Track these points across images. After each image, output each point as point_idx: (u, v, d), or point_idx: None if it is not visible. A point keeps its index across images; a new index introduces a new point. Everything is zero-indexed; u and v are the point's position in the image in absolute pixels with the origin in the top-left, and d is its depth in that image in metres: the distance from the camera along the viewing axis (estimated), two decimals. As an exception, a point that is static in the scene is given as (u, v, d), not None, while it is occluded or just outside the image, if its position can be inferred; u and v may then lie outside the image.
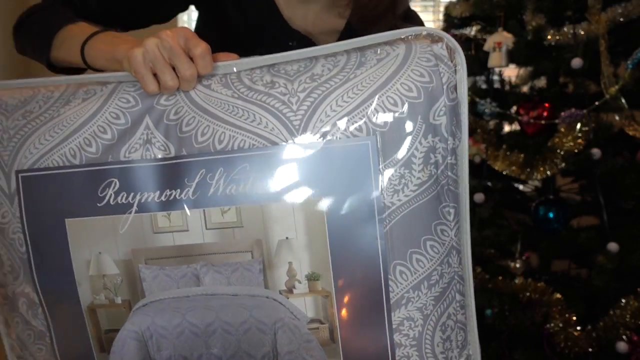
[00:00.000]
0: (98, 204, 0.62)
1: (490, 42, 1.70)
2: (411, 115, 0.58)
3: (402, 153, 0.58)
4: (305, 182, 0.59)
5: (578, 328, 1.56)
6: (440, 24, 2.06)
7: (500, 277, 1.69)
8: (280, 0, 0.85)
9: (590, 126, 1.59)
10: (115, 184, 0.62)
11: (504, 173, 1.69)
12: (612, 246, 1.54)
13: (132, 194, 0.62)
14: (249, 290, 0.64)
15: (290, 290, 0.63)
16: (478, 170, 1.80)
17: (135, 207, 0.62)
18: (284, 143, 0.59)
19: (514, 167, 1.66)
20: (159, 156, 0.61)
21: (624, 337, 1.53)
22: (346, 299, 0.61)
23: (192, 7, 0.94)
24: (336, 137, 0.58)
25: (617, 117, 1.60)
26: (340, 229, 0.59)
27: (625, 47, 1.68)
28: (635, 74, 1.55)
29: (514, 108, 1.76)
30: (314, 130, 0.58)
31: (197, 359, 0.64)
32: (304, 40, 0.86)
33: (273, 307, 0.63)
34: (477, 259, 1.78)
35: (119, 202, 0.62)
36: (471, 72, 1.89)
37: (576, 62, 1.58)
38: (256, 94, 0.61)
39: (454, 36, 1.90)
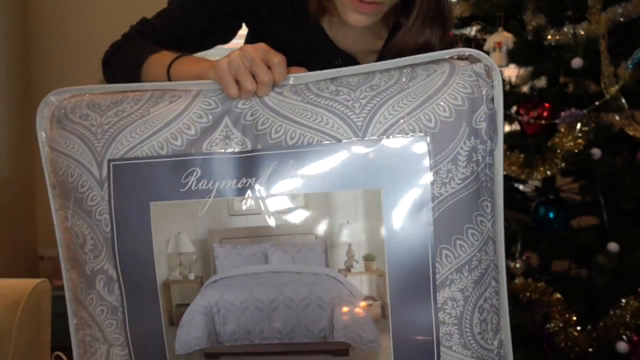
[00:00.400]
0: (181, 190, 0.70)
1: (490, 42, 1.70)
2: (457, 120, 0.68)
3: (449, 151, 0.67)
4: (365, 173, 0.68)
5: (578, 328, 1.56)
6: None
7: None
8: (325, 23, 0.94)
9: (590, 126, 1.59)
10: (197, 172, 0.70)
11: (504, 173, 1.69)
12: (612, 246, 1.54)
13: (211, 181, 0.70)
14: (311, 269, 0.71)
15: (348, 269, 0.70)
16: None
17: (214, 192, 0.70)
18: (347, 140, 0.68)
19: (514, 167, 1.66)
20: (237, 150, 0.70)
21: (624, 337, 1.53)
22: (397, 278, 0.68)
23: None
24: (393, 136, 0.68)
25: (617, 117, 1.60)
26: (395, 215, 0.68)
27: (626, 47, 1.68)
28: (635, 74, 1.55)
29: (514, 108, 1.76)
30: (374, 130, 0.68)
31: (259, 333, 0.70)
32: (347, 59, 0.93)
33: (332, 285, 0.70)
34: (477, 259, 1.78)
35: (200, 188, 0.70)
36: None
37: (576, 62, 1.58)
38: (323, 100, 0.70)
39: (454, 36, 1.90)
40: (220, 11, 0.96)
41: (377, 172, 0.68)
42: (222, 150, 0.70)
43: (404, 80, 0.71)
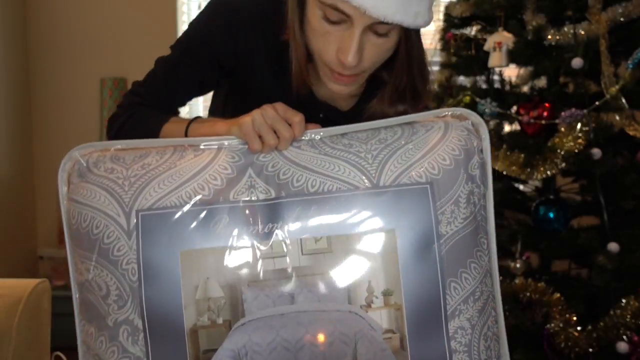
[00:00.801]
0: (209, 237, 0.75)
1: (490, 42, 1.70)
2: (456, 167, 0.77)
3: (452, 194, 0.77)
4: (381, 216, 0.75)
5: (578, 328, 1.56)
6: (440, 23, 2.06)
7: (500, 277, 1.68)
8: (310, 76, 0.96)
9: (590, 126, 1.58)
10: (226, 219, 0.75)
11: (504, 173, 1.69)
12: (613, 246, 1.54)
13: (240, 226, 0.75)
14: (335, 306, 0.75)
15: (369, 305, 0.75)
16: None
17: (243, 238, 0.75)
18: (363, 187, 0.76)
19: (514, 167, 1.66)
20: (262, 197, 0.76)
21: (624, 337, 1.53)
22: (413, 310, 0.74)
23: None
24: (403, 182, 0.76)
25: (617, 117, 1.60)
26: (409, 253, 0.75)
27: (626, 47, 1.68)
28: (636, 74, 1.55)
29: (514, 108, 1.76)
30: (386, 177, 0.76)
31: None
32: (330, 110, 0.97)
33: (354, 320, 0.75)
34: (477, 259, 1.78)
35: (229, 233, 0.75)
36: (471, 72, 1.89)
37: (576, 62, 1.57)
38: (338, 152, 0.79)
39: (454, 35, 1.90)
40: (204, 71, 0.98)
41: (391, 215, 0.75)
42: (248, 199, 0.76)
43: (406, 134, 0.80)
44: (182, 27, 2.93)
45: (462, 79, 1.95)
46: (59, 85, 2.93)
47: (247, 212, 0.75)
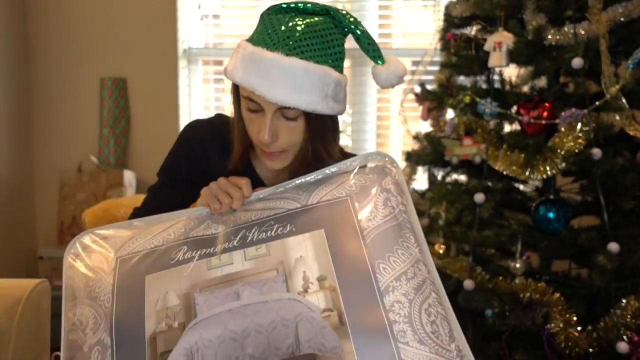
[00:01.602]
0: (170, 262, 0.92)
1: (490, 41, 1.70)
2: (370, 184, 0.96)
3: (368, 200, 0.94)
4: (309, 223, 0.92)
5: (578, 328, 1.56)
6: (441, 23, 2.06)
7: (500, 277, 1.69)
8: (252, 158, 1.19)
9: (590, 126, 1.58)
10: (185, 248, 0.93)
11: (505, 173, 1.69)
12: (613, 246, 1.54)
13: (195, 251, 0.92)
14: (275, 296, 0.86)
15: (305, 290, 0.85)
16: (478, 171, 1.80)
17: (196, 258, 0.91)
18: (294, 207, 0.95)
19: (514, 167, 1.66)
20: (214, 232, 0.95)
21: (624, 337, 1.53)
22: (347, 289, 0.84)
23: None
24: (326, 199, 0.95)
25: (617, 117, 1.60)
26: (336, 244, 0.89)
27: (626, 46, 1.68)
28: (636, 74, 1.55)
29: (515, 108, 1.76)
30: (312, 199, 0.95)
31: (234, 357, 0.81)
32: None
33: (294, 305, 0.84)
34: (478, 258, 1.79)
35: (186, 257, 0.92)
36: (471, 72, 1.89)
37: (577, 62, 1.57)
38: (278, 198, 0.98)
39: (454, 35, 1.90)
40: (182, 189, 1.19)
41: (317, 221, 0.92)
42: (202, 234, 0.95)
43: (330, 177, 1.00)
44: (182, 27, 2.92)
45: (462, 79, 1.95)
46: (58, 85, 2.93)
47: (202, 242, 0.93)
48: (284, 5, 1.02)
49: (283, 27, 0.98)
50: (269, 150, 1.05)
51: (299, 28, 0.98)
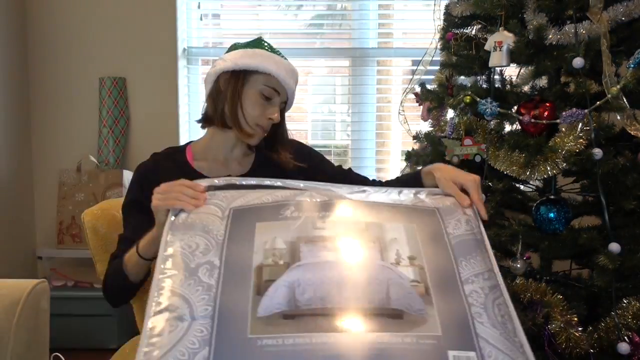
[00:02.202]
0: (279, 216, 1.04)
1: (491, 41, 1.70)
2: (454, 206, 1.13)
3: (452, 217, 1.08)
4: (407, 216, 1.07)
5: (579, 329, 1.56)
6: (441, 23, 2.05)
7: (501, 278, 1.68)
8: (201, 169, 1.43)
9: (591, 126, 1.58)
10: (292, 208, 1.05)
11: (505, 173, 1.69)
12: (614, 246, 1.54)
13: (301, 212, 1.04)
14: (372, 260, 0.97)
15: (397, 263, 0.97)
16: (479, 170, 1.79)
17: (303, 218, 1.03)
18: (394, 204, 1.13)
19: (515, 167, 1.66)
20: (319, 200, 1.09)
21: (625, 338, 1.52)
22: (434, 271, 0.96)
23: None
24: (420, 205, 1.12)
25: (618, 117, 1.60)
26: (426, 239, 1.02)
27: (627, 46, 1.67)
28: (637, 74, 1.54)
29: (515, 108, 1.75)
30: (406, 201, 1.14)
31: (331, 299, 0.89)
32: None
33: (387, 271, 0.95)
34: (478, 259, 1.78)
35: (293, 216, 1.04)
36: (472, 72, 1.88)
37: (577, 62, 1.57)
38: (367, 197, 1.15)
39: (454, 35, 1.90)
40: (144, 218, 1.23)
41: (411, 218, 1.06)
42: (309, 200, 1.07)
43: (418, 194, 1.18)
44: (181, 26, 2.92)
45: (462, 79, 1.95)
46: (57, 84, 2.92)
47: (307, 205, 1.06)
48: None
49: (270, 45, 1.44)
50: (267, 127, 1.39)
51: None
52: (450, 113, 2.00)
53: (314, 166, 1.48)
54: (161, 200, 1.07)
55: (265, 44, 1.43)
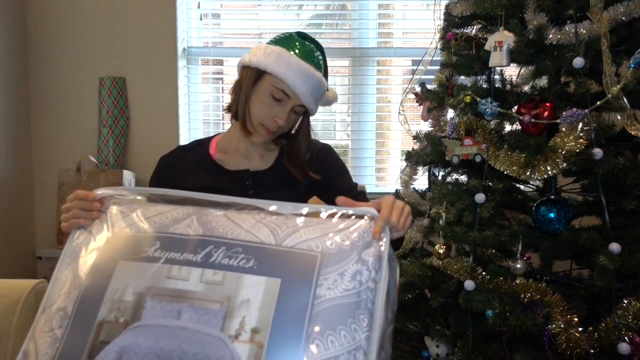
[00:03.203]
0: (142, 254, 0.98)
1: (491, 41, 1.70)
2: (351, 248, 0.94)
3: (339, 267, 0.92)
4: (272, 267, 0.93)
5: (579, 329, 1.55)
6: (441, 23, 2.05)
7: (501, 278, 1.68)
8: (221, 162, 1.42)
9: (591, 126, 1.58)
10: (158, 244, 0.99)
11: (505, 173, 1.69)
12: (614, 247, 1.54)
13: (164, 251, 0.98)
14: (208, 330, 0.89)
15: (236, 336, 0.88)
16: (479, 171, 1.79)
17: (162, 260, 0.97)
18: (268, 243, 0.96)
19: (515, 167, 1.65)
20: (191, 233, 1.00)
21: (625, 338, 1.52)
22: (273, 352, 0.85)
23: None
24: (300, 247, 0.94)
25: (618, 117, 1.60)
26: (284, 302, 0.89)
27: (627, 46, 1.68)
28: (637, 73, 1.55)
29: (515, 107, 1.75)
30: (289, 242, 0.95)
31: None
32: (256, 175, 1.41)
33: (220, 347, 0.87)
34: (478, 259, 1.78)
35: (155, 255, 0.97)
36: (472, 72, 1.88)
37: (578, 62, 1.57)
38: (265, 219, 1.01)
39: (455, 35, 1.90)
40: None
41: (280, 268, 0.92)
42: (180, 233, 1.00)
43: (324, 220, 0.99)
44: (181, 26, 2.92)
45: (462, 79, 1.95)
46: (57, 84, 2.92)
47: (173, 241, 0.99)
48: (302, 34, 1.39)
49: (308, 46, 1.36)
50: (272, 130, 1.35)
51: (317, 51, 1.38)
52: (450, 113, 2.00)
53: (328, 179, 1.43)
54: (65, 221, 1.08)
55: (296, 43, 1.36)
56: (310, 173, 1.42)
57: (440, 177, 2.08)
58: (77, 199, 1.09)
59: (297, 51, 1.34)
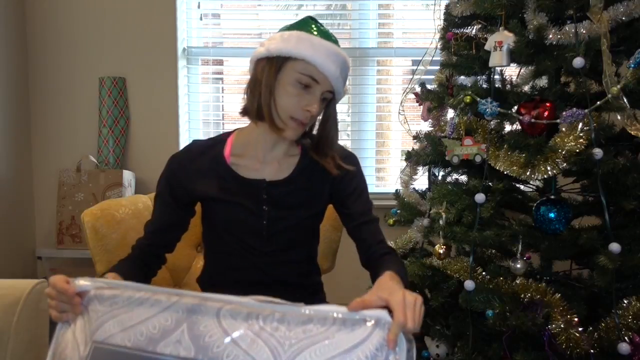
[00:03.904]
0: None
1: (491, 41, 1.69)
2: None
3: None
4: None
5: (579, 329, 1.55)
6: (441, 22, 2.05)
7: (501, 278, 1.68)
8: (237, 168, 1.33)
9: (591, 126, 1.58)
10: None
11: (505, 173, 1.69)
12: (614, 247, 1.54)
13: None
14: None
15: None
16: (479, 170, 1.79)
17: None
18: None
19: (515, 167, 1.65)
20: (182, 354, 0.90)
21: (625, 338, 1.52)
22: None
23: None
24: None
25: (618, 117, 1.59)
26: None
27: (627, 46, 1.68)
28: (637, 73, 1.54)
29: (515, 108, 1.75)
30: None
31: None
32: (267, 185, 1.31)
33: None
34: (478, 259, 1.78)
35: None
36: (472, 72, 1.88)
37: (578, 62, 1.57)
38: (265, 333, 0.89)
39: (455, 35, 1.90)
40: (172, 200, 1.34)
41: None
42: (169, 353, 0.91)
43: (332, 330, 0.87)
44: (181, 26, 2.92)
45: (462, 79, 1.94)
46: (57, 84, 2.92)
47: None
48: (314, 18, 1.30)
49: (324, 27, 1.28)
50: (305, 121, 1.25)
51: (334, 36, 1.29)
52: (450, 113, 2.00)
53: (346, 194, 1.34)
54: (50, 308, 1.04)
55: (312, 25, 1.26)
56: (341, 163, 1.32)
57: (440, 177, 2.08)
58: (57, 291, 1.01)
59: (316, 32, 1.24)
